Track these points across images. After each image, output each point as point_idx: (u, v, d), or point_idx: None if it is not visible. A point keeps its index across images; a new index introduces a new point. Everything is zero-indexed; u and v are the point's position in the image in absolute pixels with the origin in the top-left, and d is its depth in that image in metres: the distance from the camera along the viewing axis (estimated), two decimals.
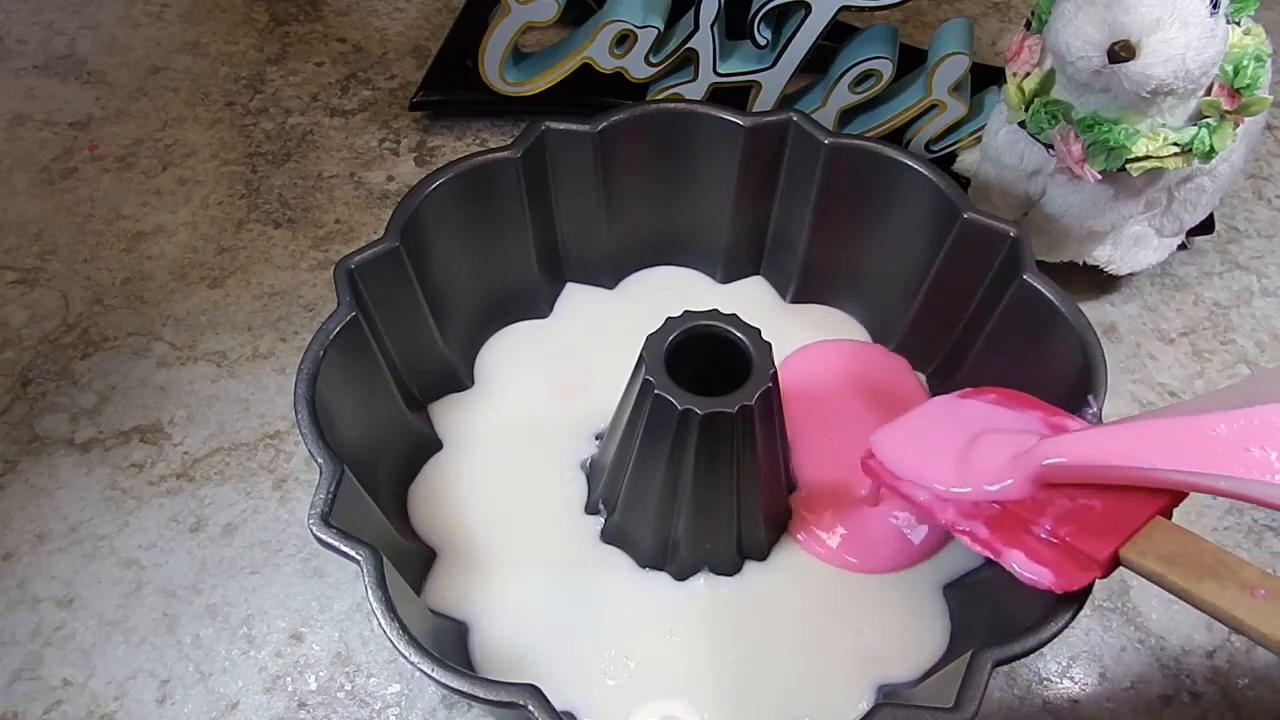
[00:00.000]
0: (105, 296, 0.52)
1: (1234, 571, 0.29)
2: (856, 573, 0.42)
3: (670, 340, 0.37)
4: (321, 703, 0.41)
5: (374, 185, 0.57)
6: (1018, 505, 0.34)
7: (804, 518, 0.43)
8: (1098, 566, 0.31)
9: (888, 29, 0.54)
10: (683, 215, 0.49)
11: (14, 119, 0.60)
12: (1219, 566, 0.30)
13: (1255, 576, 0.29)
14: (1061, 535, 0.32)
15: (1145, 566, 0.31)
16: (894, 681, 0.39)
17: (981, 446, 0.35)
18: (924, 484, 0.36)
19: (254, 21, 0.66)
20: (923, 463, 0.36)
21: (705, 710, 0.38)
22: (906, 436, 0.38)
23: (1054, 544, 0.32)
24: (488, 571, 0.41)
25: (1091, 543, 0.32)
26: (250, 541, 0.44)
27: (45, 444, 0.47)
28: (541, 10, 0.52)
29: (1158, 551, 0.31)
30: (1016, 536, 0.33)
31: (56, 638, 0.42)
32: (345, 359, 0.38)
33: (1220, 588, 0.29)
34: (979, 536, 0.33)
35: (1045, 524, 0.33)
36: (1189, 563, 0.30)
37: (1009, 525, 0.33)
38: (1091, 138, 0.44)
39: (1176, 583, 0.30)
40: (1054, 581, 0.31)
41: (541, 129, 0.44)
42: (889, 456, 0.38)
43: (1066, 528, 0.32)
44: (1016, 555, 0.32)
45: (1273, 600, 0.28)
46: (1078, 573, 0.31)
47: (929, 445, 0.37)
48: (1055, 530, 0.32)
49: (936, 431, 0.37)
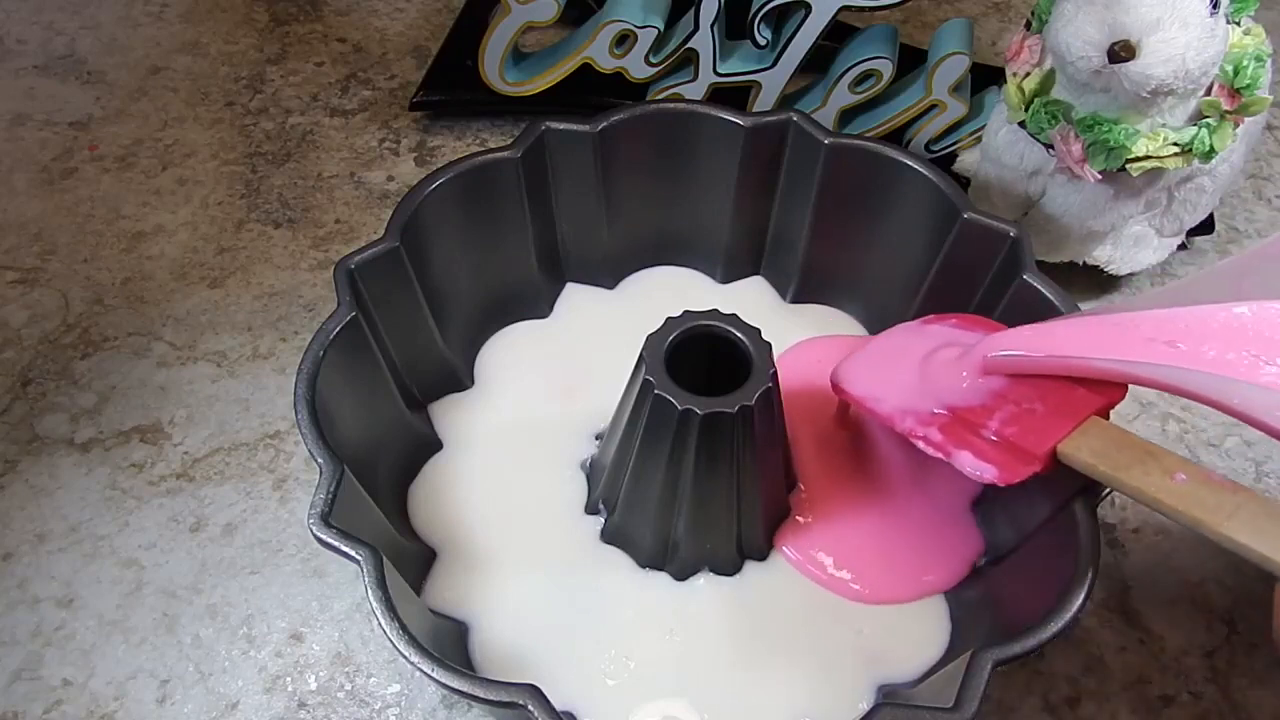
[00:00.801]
0: (105, 296, 0.52)
1: (1158, 460, 0.32)
2: (855, 600, 0.41)
3: (670, 340, 0.37)
4: (321, 703, 0.41)
5: (374, 185, 0.57)
6: (967, 411, 0.36)
7: (799, 538, 0.42)
8: (1037, 461, 0.34)
9: (888, 29, 0.54)
10: (683, 215, 0.49)
11: (14, 119, 0.60)
12: (1145, 456, 0.33)
13: (1176, 464, 0.32)
14: (1006, 436, 0.35)
15: (1079, 460, 0.34)
16: (894, 681, 0.39)
17: (938, 360, 0.38)
18: (885, 400, 0.39)
19: (254, 21, 0.66)
20: (883, 383, 0.39)
21: (705, 710, 0.38)
22: (868, 360, 0.41)
23: (998, 444, 0.35)
24: (488, 571, 0.41)
25: (1032, 440, 0.34)
26: (250, 541, 0.44)
27: (45, 444, 0.47)
28: (541, 10, 0.52)
29: (1091, 446, 0.34)
30: (965, 439, 0.36)
31: (56, 638, 0.42)
32: (345, 359, 0.38)
33: (1145, 474, 0.32)
34: (933, 441, 0.36)
35: (992, 427, 0.36)
36: (1118, 454, 0.33)
37: (959, 430, 0.36)
38: (1091, 138, 0.44)
39: (1107, 472, 0.33)
40: (997, 475, 0.34)
41: (541, 129, 0.44)
42: (850, 381, 0.41)
43: (1010, 429, 0.35)
44: (965, 455, 0.35)
45: (1191, 484, 0.31)
46: (1019, 467, 0.34)
47: (889, 365, 0.40)
48: (1000, 431, 0.35)
49: (897, 352, 0.40)
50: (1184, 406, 0.49)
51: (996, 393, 0.36)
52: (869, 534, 0.42)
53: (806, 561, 0.42)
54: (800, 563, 0.42)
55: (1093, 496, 0.35)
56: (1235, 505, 0.30)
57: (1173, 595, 0.44)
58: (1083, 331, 0.35)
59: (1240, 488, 0.31)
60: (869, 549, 0.42)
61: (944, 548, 0.42)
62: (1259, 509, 0.30)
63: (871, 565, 0.42)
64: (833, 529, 0.43)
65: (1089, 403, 0.35)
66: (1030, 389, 0.36)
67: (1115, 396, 0.35)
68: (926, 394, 0.38)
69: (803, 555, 0.42)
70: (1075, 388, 0.35)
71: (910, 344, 0.40)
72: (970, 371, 0.37)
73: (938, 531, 0.42)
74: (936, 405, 0.37)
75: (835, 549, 0.42)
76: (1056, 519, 0.36)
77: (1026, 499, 0.40)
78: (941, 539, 0.42)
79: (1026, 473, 0.34)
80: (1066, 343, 0.35)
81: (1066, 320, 0.37)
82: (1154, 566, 0.45)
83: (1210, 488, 0.31)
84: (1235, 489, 0.31)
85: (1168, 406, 0.49)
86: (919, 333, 0.41)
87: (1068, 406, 0.35)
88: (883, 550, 0.42)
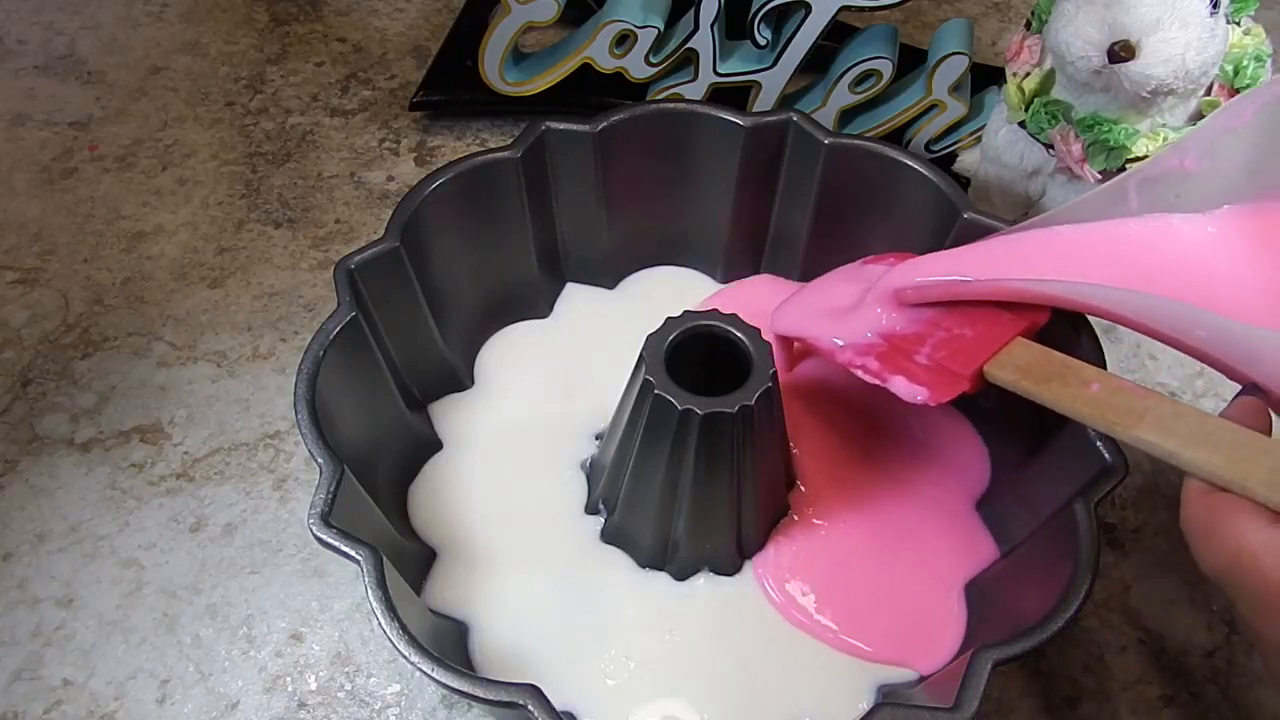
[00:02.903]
0: (105, 296, 0.52)
1: (1076, 373, 0.35)
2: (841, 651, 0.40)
3: (670, 340, 0.37)
4: (321, 703, 0.41)
5: (374, 185, 0.57)
6: (901, 340, 0.39)
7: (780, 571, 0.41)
8: (965, 381, 0.36)
9: (888, 29, 0.54)
10: (683, 215, 0.49)
11: (14, 119, 0.60)
12: (1064, 370, 0.35)
13: (1092, 375, 0.34)
14: (937, 360, 0.37)
15: (1004, 377, 0.36)
16: (894, 682, 0.39)
17: (871, 296, 0.41)
18: (824, 335, 0.41)
19: (254, 21, 0.66)
20: (823, 318, 0.42)
21: (705, 710, 0.38)
22: (808, 299, 0.44)
23: (930, 367, 0.37)
24: (488, 571, 0.41)
25: (960, 362, 0.37)
26: (250, 541, 0.44)
27: (45, 444, 0.47)
28: (541, 10, 0.52)
29: (1015, 364, 0.36)
30: (900, 365, 0.38)
31: (56, 638, 0.42)
32: (345, 359, 0.38)
33: (1064, 385, 0.34)
34: (870, 369, 0.38)
35: (924, 352, 0.38)
36: (1039, 370, 0.35)
37: (894, 357, 0.38)
38: (1091, 138, 0.44)
39: (1029, 387, 0.35)
40: (929, 396, 0.36)
41: (541, 129, 0.44)
42: (792, 318, 0.43)
43: (941, 353, 0.38)
44: (899, 380, 0.37)
45: (1104, 392, 0.33)
46: (949, 388, 0.36)
47: (829, 303, 0.42)
48: (932, 356, 0.38)
49: (835, 291, 0.43)
50: (1173, 393, 0.49)
51: (929, 320, 0.39)
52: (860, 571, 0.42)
53: (788, 605, 0.41)
54: (783, 606, 0.41)
55: (1092, 497, 0.35)
56: (1145, 409, 0.32)
57: (1173, 595, 0.44)
58: (988, 254, 0.38)
59: (1151, 393, 0.33)
60: (856, 589, 0.41)
61: (944, 561, 0.42)
62: (1166, 410, 0.32)
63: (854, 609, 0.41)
64: (823, 556, 0.42)
65: (1013, 325, 0.37)
66: (960, 316, 0.38)
67: (1038, 319, 0.37)
68: (862, 326, 0.40)
69: (784, 598, 0.41)
70: (1001, 313, 0.38)
71: (848, 282, 0.43)
72: (884, 304, 0.40)
73: (937, 547, 0.42)
74: (873, 335, 0.39)
75: (819, 586, 0.41)
76: (1056, 519, 0.36)
77: (1028, 498, 0.40)
78: (940, 553, 0.42)
79: (955, 392, 0.36)
80: (972, 266, 0.38)
81: (970, 247, 0.40)
82: (1154, 566, 0.44)
83: (1122, 394, 0.33)
84: (1146, 394, 0.33)
85: None
86: (856, 272, 0.43)
87: (994, 330, 0.37)
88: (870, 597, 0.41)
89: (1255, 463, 0.29)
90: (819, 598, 0.41)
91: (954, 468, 0.44)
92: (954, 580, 0.41)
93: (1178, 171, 0.34)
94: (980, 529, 0.43)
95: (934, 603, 0.41)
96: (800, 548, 0.42)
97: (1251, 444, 0.30)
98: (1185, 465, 0.30)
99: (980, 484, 0.44)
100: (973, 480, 0.44)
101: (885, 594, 0.41)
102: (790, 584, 0.41)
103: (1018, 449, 0.42)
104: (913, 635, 0.40)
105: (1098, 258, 0.36)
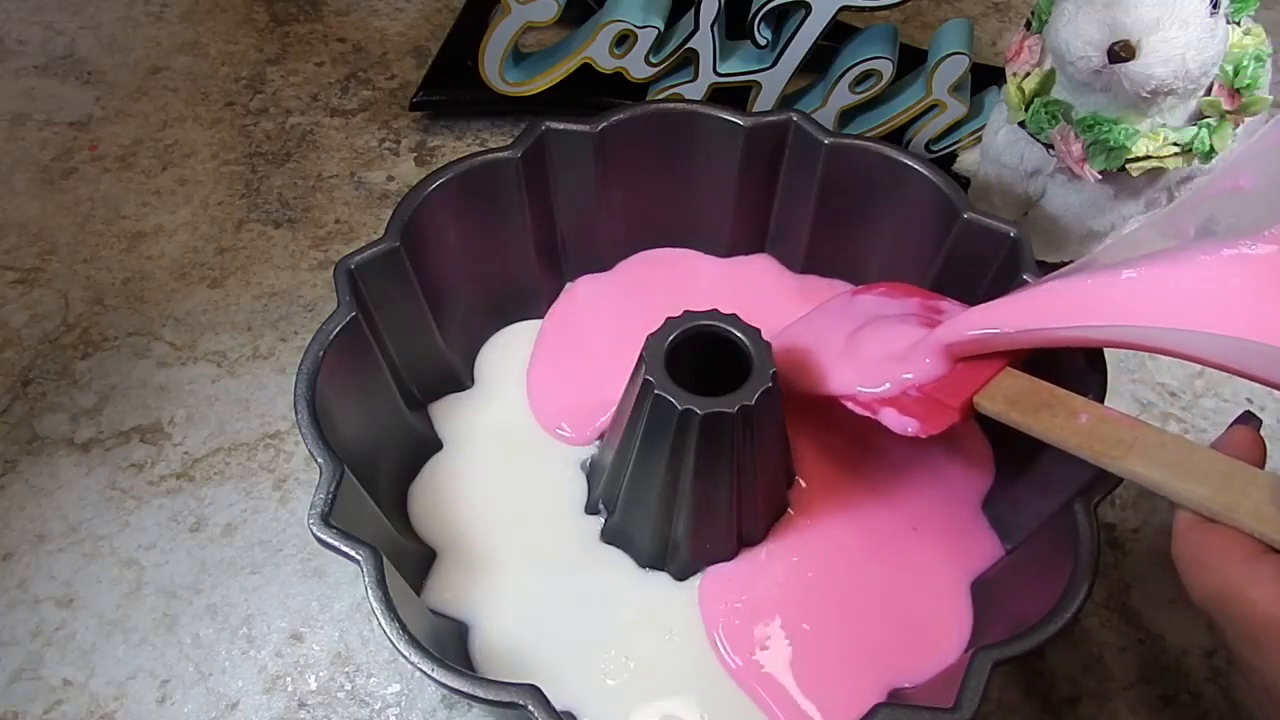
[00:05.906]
0: (105, 296, 0.52)
1: (1064, 403, 0.35)
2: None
3: (670, 340, 0.37)
4: (321, 703, 0.41)
5: (374, 185, 0.57)
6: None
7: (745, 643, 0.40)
8: (955, 412, 0.36)
9: (888, 29, 0.54)
10: (683, 215, 0.49)
11: (14, 119, 0.60)
12: (1052, 400, 0.35)
13: (1080, 406, 0.34)
14: (927, 392, 0.37)
15: (993, 408, 0.36)
16: (900, 682, 0.39)
17: (866, 333, 0.40)
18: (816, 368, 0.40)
19: (254, 21, 0.66)
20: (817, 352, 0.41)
21: (705, 710, 0.38)
22: (802, 333, 0.43)
23: (919, 399, 0.37)
24: (488, 571, 0.41)
25: (950, 393, 0.37)
26: (250, 541, 0.44)
27: (45, 444, 0.47)
28: (541, 10, 0.52)
29: (1004, 395, 0.36)
30: (890, 397, 0.38)
31: (56, 638, 0.42)
32: (345, 359, 0.38)
33: (1052, 416, 0.35)
34: (860, 401, 0.38)
35: (914, 386, 0.38)
36: (1028, 400, 0.36)
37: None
38: (1091, 138, 0.44)
39: (1018, 418, 0.35)
40: (919, 428, 0.36)
41: (541, 129, 0.44)
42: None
43: (930, 384, 0.37)
44: (889, 412, 0.37)
45: (1093, 423, 0.33)
46: (939, 420, 0.36)
47: (823, 338, 0.42)
48: (922, 388, 0.38)
49: (829, 325, 0.42)
50: (1184, 406, 0.49)
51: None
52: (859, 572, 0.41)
53: (750, 676, 0.39)
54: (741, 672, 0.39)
55: (1092, 496, 0.35)
56: (1133, 439, 0.32)
57: (1173, 595, 0.44)
58: (1030, 304, 0.37)
59: (1139, 424, 0.33)
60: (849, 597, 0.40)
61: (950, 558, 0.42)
62: (1154, 441, 0.32)
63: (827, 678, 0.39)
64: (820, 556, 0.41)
65: (1002, 356, 0.37)
66: None
67: (1025, 352, 0.37)
68: (856, 361, 0.40)
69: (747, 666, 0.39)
70: None
71: (841, 316, 0.43)
72: (934, 356, 0.38)
73: (944, 544, 0.42)
74: (898, 385, 0.39)
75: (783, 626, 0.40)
76: (1056, 519, 0.36)
77: (1030, 497, 0.40)
78: (947, 550, 0.42)
79: (946, 424, 0.36)
80: (1021, 317, 0.37)
81: (1011, 298, 0.38)
82: (1154, 566, 0.44)
83: (1110, 425, 0.33)
84: (1133, 425, 0.33)
85: (1167, 407, 0.49)
86: (847, 305, 0.44)
87: (983, 361, 0.37)
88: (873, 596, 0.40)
89: (1242, 494, 0.29)
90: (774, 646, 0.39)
91: (961, 463, 0.44)
92: (961, 577, 0.41)
93: (1232, 191, 0.33)
94: (985, 527, 0.43)
95: (940, 601, 0.41)
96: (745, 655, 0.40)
97: (1238, 475, 0.30)
98: (1173, 496, 0.31)
99: (986, 481, 0.44)
100: (979, 477, 0.44)
101: (890, 592, 0.41)
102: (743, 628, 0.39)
103: (1021, 447, 0.42)
104: (919, 634, 0.40)
105: (1166, 297, 0.33)
